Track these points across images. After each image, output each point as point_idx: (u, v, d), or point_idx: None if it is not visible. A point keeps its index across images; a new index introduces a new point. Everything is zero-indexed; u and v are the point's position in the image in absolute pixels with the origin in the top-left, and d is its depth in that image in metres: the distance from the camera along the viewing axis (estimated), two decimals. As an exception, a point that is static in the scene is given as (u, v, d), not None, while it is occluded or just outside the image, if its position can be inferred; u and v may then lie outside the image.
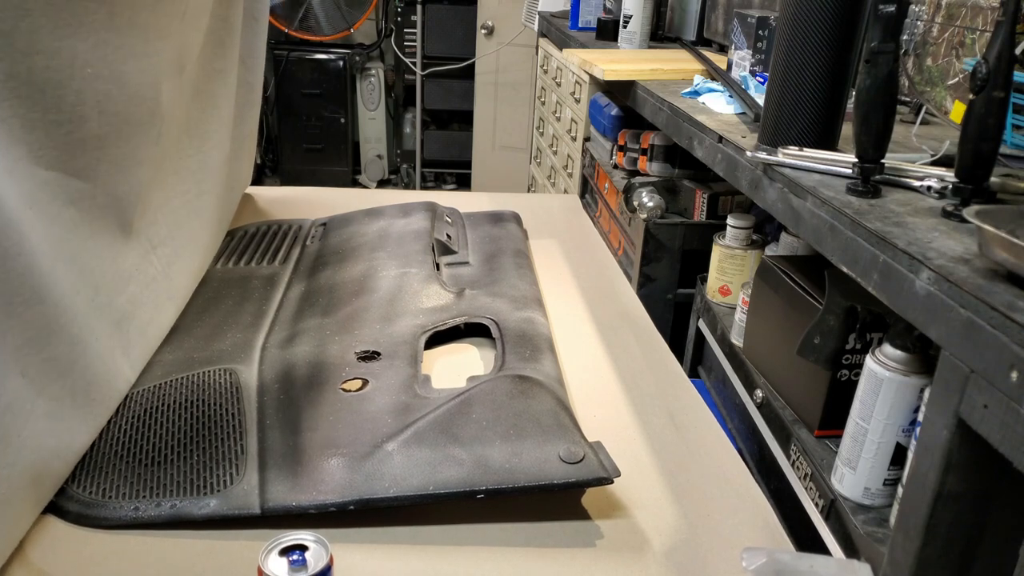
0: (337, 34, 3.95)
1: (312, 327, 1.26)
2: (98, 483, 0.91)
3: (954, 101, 1.27)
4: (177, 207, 1.34)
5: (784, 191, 1.01)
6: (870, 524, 0.89)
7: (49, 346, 0.88)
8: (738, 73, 1.58)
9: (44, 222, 0.92)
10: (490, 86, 3.89)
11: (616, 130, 1.90)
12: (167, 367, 1.14)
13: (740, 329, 1.32)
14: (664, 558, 0.86)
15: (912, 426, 0.86)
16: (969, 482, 0.69)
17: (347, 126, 4.05)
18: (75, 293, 0.96)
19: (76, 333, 0.94)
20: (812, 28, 1.01)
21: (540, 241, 1.75)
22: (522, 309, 1.31)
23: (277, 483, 0.90)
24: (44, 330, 0.88)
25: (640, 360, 1.28)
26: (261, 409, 1.04)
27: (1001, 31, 0.75)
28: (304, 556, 0.73)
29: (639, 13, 2.18)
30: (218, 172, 1.55)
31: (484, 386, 1.05)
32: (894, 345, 0.87)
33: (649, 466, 1.01)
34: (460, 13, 3.92)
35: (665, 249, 1.66)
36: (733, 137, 1.22)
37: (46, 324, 0.88)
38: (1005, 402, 0.61)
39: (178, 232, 1.33)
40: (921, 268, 0.72)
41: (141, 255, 1.19)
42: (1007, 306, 0.62)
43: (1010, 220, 0.68)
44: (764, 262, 1.22)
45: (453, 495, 0.88)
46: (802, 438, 1.05)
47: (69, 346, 0.92)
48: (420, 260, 1.47)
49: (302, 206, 1.89)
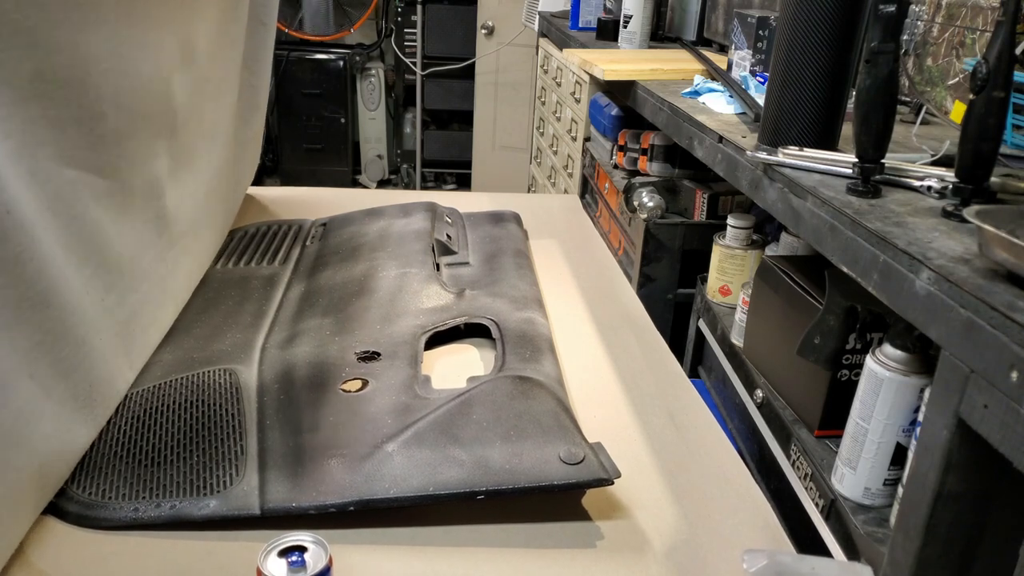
0: (337, 34, 3.95)
1: (312, 327, 1.26)
2: (98, 484, 0.91)
3: (954, 101, 1.27)
4: (188, 207, 1.34)
5: (784, 191, 1.01)
6: (870, 524, 0.89)
7: (56, 348, 0.89)
8: (738, 73, 1.58)
9: (65, 223, 0.93)
10: (490, 86, 3.89)
11: (616, 130, 1.90)
12: (167, 367, 1.14)
13: (740, 329, 1.32)
14: (664, 558, 0.86)
15: (912, 426, 0.85)
16: (969, 482, 0.69)
17: (347, 126, 4.05)
18: (85, 294, 0.96)
19: (83, 335, 0.94)
20: (812, 28, 1.01)
21: (540, 241, 1.75)
22: (522, 309, 1.31)
23: (277, 484, 0.90)
24: (52, 333, 0.88)
25: (640, 360, 1.28)
26: (261, 410, 1.04)
27: (1001, 31, 0.75)
28: (303, 557, 0.73)
29: (639, 13, 2.18)
30: (224, 173, 1.55)
31: (484, 387, 1.05)
32: (894, 345, 0.87)
33: (649, 466, 1.01)
34: (460, 13, 3.92)
35: (665, 249, 1.66)
36: (733, 137, 1.22)
37: (54, 327, 0.88)
38: (1005, 402, 0.61)
39: (186, 231, 1.34)
40: (921, 268, 0.72)
41: (156, 254, 1.19)
42: (1007, 306, 0.62)
43: (1010, 220, 0.68)
44: (764, 262, 1.22)
45: (453, 496, 0.88)
46: (802, 438, 1.05)
47: (75, 348, 0.92)
48: (420, 260, 1.47)
49: (302, 206, 1.89)
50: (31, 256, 0.83)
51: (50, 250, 0.88)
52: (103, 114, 1.01)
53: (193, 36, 1.31)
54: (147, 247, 1.16)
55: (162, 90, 1.18)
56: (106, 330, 1.02)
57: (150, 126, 1.15)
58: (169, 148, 1.24)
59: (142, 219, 1.14)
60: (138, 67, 1.09)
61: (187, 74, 1.29)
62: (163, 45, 1.17)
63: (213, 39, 1.42)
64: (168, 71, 1.20)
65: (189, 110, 1.31)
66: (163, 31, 1.17)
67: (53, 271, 0.88)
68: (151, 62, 1.13)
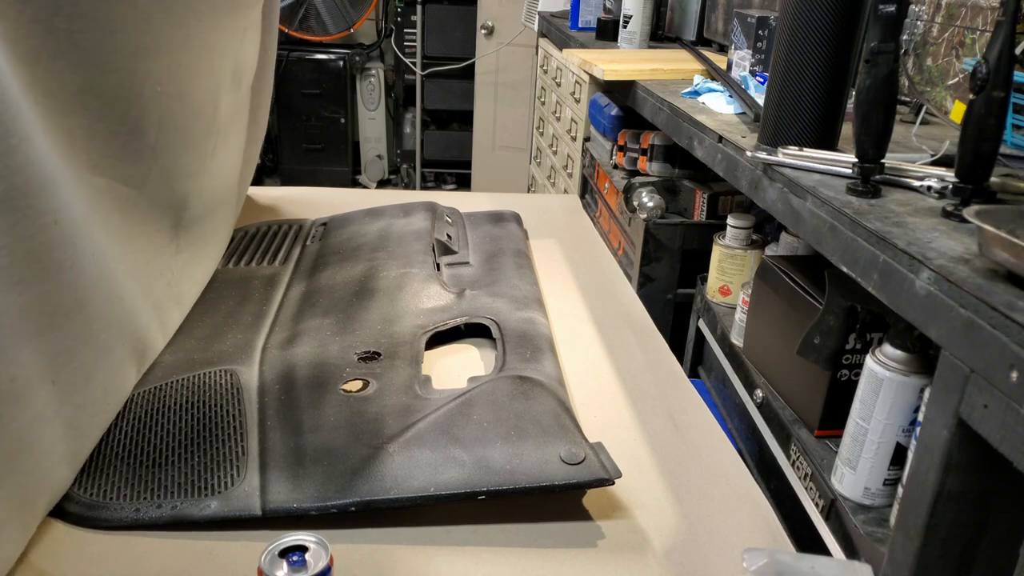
0: (337, 34, 3.95)
1: (313, 327, 1.26)
2: (99, 484, 0.91)
3: (954, 101, 1.27)
4: (205, 215, 1.35)
5: (784, 191, 1.01)
6: (870, 524, 0.89)
7: (82, 354, 0.89)
8: (738, 73, 1.58)
9: (96, 230, 0.93)
10: (490, 86, 3.89)
11: (616, 130, 1.90)
12: (167, 369, 1.14)
13: (740, 329, 1.32)
14: (664, 558, 0.86)
15: (912, 426, 0.86)
16: (969, 482, 0.69)
17: (347, 126, 4.05)
18: (110, 303, 0.97)
19: (105, 340, 0.95)
20: (812, 28, 1.01)
21: (540, 241, 1.75)
22: (522, 309, 1.31)
23: (278, 484, 0.90)
24: (79, 339, 0.88)
25: (640, 360, 1.28)
26: (262, 410, 1.04)
27: (1001, 31, 0.75)
28: (304, 557, 0.73)
29: (639, 13, 2.18)
30: (235, 181, 1.56)
31: (485, 387, 1.05)
32: (894, 345, 0.87)
33: (649, 466, 1.01)
34: (460, 13, 3.92)
35: (665, 249, 1.66)
36: (733, 137, 1.22)
37: (82, 333, 0.89)
38: (1005, 402, 0.61)
39: (198, 239, 1.34)
40: (921, 268, 0.72)
41: (165, 262, 1.20)
42: (1007, 306, 0.62)
43: (1010, 220, 0.68)
44: (764, 262, 1.22)
45: (454, 496, 0.88)
46: (802, 438, 1.05)
47: (96, 354, 0.93)
48: (420, 260, 1.47)
49: (302, 206, 1.89)
50: (72, 264, 0.85)
51: (85, 259, 0.89)
52: (144, 130, 1.02)
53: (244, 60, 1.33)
54: (158, 256, 1.17)
55: (210, 111, 1.20)
56: (126, 336, 1.02)
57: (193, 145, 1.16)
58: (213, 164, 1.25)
59: (156, 228, 1.15)
60: (191, 92, 1.11)
61: (234, 94, 1.31)
62: (217, 70, 1.19)
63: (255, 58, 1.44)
64: (218, 94, 1.22)
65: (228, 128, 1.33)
66: (221, 58, 1.19)
67: (85, 280, 0.89)
68: (205, 87, 1.16)
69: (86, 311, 0.89)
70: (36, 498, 0.84)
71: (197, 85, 1.13)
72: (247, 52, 1.36)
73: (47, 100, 0.84)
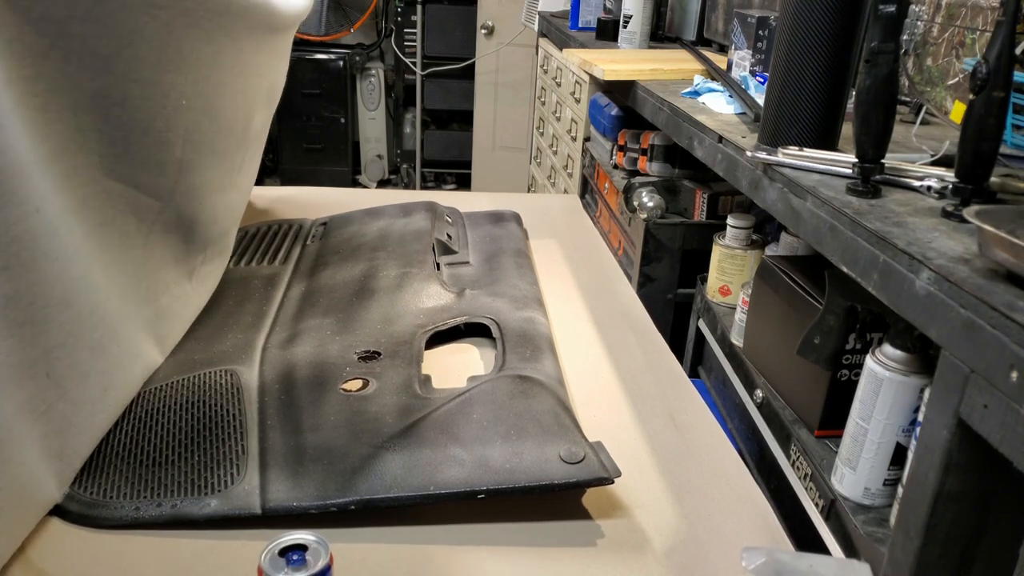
0: (337, 34, 3.95)
1: (313, 327, 1.26)
2: (99, 483, 0.91)
3: (954, 101, 1.28)
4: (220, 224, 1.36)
5: (784, 191, 1.01)
6: (870, 524, 0.89)
7: (75, 351, 0.89)
8: (738, 73, 1.58)
9: (89, 226, 0.93)
10: (490, 86, 3.89)
11: (616, 130, 1.90)
12: (168, 369, 1.14)
13: (740, 329, 1.32)
14: (664, 558, 0.86)
15: (912, 426, 0.86)
16: (969, 482, 0.70)
17: (347, 126, 4.05)
18: (106, 300, 0.97)
19: (98, 339, 0.95)
20: (812, 28, 1.01)
21: (540, 241, 1.75)
22: (522, 309, 1.31)
23: (278, 483, 0.90)
24: (73, 335, 0.88)
25: (640, 360, 1.28)
26: (262, 409, 1.04)
27: (1001, 31, 0.75)
28: (304, 556, 0.73)
29: (639, 13, 2.18)
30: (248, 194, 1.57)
31: (484, 386, 1.05)
32: (894, 345, 0.87)
33: (649, 466, 1.01)
34: (460, 13, 3.92)
35: (665, 249, 1.66)
36: (733, 137, 1.22)
37: (74, 328, 0.89)
38: (1005, 402, 0.61)
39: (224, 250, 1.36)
40: (921, 268, 0.72)
41: (182, 273, 1.20)
42: (1007, 306, 0.62)
43: (1010, 220, 0.68)
44: (764, 262, 1.22)
45: (454, 495, 0.88)
46: (802, 438, 1.05)
47: (89, 352, 0.93)
48: (420, 260, 1.47)
49: (302, 206, 1.89)
50: (56, 256, 0.84)
51: (74, 252, 0.89)
52: (170, 143, 1.03)
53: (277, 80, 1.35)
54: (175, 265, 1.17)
55: (240, 128, 1.20)
56: (125, 336, 1.02)
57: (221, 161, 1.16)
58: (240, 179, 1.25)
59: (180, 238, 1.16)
60: (221, 109, 1.12)
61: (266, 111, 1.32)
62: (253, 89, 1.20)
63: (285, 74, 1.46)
64: (251, 113, 1.22)
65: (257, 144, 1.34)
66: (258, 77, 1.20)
67: (75, 272, 0.89)
68: (236, 105, 1.16)
69: (76, 306, 0.89)
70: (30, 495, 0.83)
71: (228, 103, 1.13)
72: (281, 72, 1.38)
73: (52, 96, 0.84)
